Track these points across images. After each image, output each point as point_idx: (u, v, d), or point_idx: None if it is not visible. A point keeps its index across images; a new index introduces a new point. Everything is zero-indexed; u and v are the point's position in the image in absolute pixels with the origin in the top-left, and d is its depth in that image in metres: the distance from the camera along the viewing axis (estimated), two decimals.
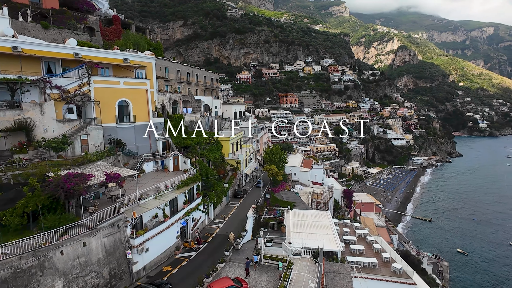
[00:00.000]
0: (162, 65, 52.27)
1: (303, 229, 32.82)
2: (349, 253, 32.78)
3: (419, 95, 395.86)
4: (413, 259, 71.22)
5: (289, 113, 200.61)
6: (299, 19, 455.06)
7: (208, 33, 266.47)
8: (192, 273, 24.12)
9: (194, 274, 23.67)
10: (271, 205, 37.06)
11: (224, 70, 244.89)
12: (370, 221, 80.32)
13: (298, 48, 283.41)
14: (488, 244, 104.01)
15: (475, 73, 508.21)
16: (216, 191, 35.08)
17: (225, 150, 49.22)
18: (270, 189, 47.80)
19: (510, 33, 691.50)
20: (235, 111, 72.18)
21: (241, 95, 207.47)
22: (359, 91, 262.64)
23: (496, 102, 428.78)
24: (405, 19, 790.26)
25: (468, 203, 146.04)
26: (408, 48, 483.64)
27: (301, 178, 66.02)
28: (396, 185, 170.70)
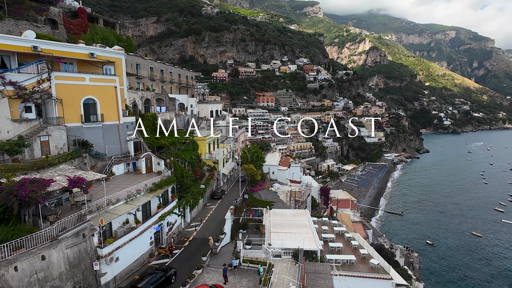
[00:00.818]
0: (133, 62, 49.64)
1: (283, 229, 32.40)
2: (328, 251, 32.85)
3: (390, 94, 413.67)
4: (387, 253, 73.89)
5: (266, 112, 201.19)
6: (275, 19, 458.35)
7: (183, 30, 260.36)
8: None
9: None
10: (249, 206, 36.32)
11: (200, 68, 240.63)
12: (347, 217, 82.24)
13: (274, 47, 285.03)
14: (452, 234, 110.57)
15: (439, 74, 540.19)
16: (192, 193, 33.71)
17: (201, 150, 47.78)
18: (248, 188, 47.07)
19: (469, 37, 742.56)
20: (212, 110, 70.56)
21: (218, 93, 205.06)
22: (333, 90, 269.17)
23: (458, 101, 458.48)
24: (376, 21, 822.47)
25: (435, 196, 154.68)
26: (379, 49, 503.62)
27: (279, 177, 65.93)
28: (369, 181, 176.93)
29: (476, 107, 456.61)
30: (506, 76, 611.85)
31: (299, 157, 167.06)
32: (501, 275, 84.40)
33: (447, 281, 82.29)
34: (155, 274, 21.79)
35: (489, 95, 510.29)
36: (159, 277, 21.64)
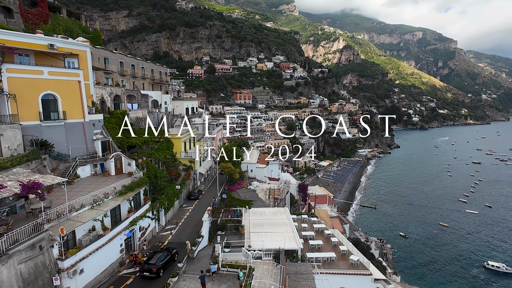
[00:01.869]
0: (100, 55, 46.36)
1: (262, 229, 31.58)
2: (309, 249, 32.50)
3: (363, 92, 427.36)
4: (363, 246, 75.75)
5: (244, 109, 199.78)
6: (251, 16, 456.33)
7: (156, 25, 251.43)
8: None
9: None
10: (228, 206, 35.10)
11: (175, 65, 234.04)
12: (324, 213, 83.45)
13: (251, 45, 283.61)
14: (422, 225, 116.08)
15: (408, 72, 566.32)
16: (167, 194, 31.87)
17: (177, 148, 45.74)
18: (226, 188, 45.76)
19: (435, 38, 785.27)
20: (187, 107, 68.21)
21: (194, 90, 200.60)
22: (309, 87, 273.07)
23: (425, 98, 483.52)
24: (349, 20, 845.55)
25: (405, 189, 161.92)
26: (352, 48, 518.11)
27: (258, 175, 65.11)
28: (345, 176, 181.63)
29: (441, 104, 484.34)
30: (467, 75, 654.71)
31: (276, 154, 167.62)
32: (466, 261, 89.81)
33: (419, 270, 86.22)
34: (162, 253, 24.49)
35: (452, 93, 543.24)
36: (166, 255, 24.49)
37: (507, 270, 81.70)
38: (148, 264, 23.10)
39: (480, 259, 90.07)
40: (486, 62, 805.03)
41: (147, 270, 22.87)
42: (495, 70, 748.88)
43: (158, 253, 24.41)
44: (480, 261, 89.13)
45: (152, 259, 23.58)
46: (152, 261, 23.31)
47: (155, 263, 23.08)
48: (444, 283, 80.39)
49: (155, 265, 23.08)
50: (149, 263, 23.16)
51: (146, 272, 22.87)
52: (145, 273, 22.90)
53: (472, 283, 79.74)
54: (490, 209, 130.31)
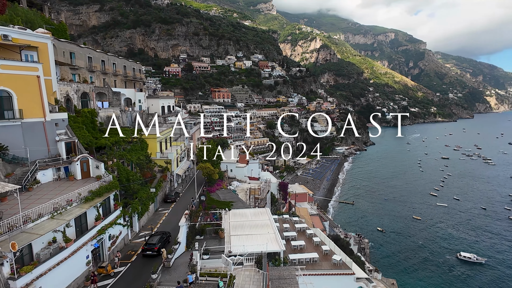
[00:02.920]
0: (66, 49, 42.81)
1: (243, 231, 30.36)
2: (291, 249, 31.73)
3: (339, 91, 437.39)
4: (342, 242, 76.77)
5: (222, 108, 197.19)
6: (229, 14, 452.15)
7: (130, 21, 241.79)
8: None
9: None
10: (207, 208, 33.52)
11: (151, 62, 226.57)
12: (305, 211, 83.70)
13: (229, 43, 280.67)
14: (397, 219, 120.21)
15: (382, 72, 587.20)
16: (140, 198, 29.74)
17: (151, 149, 43.32)
18: (205, 189, 44.02)
19: (406, 39, 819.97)
20: (163, 106, 65.34)
21: (171, 89, 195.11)
22: (288, 86, 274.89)
23: (398, 97, 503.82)
24: (325, 20, 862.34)
25: (380, 184, 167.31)
26: (329, 48, 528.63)
27: (237, 175, 63.76)
28: (323, 173, 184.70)
29: (413, 103, 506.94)
30: (435, 75, 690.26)
31: (256, 153, 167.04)
32: (440, 253, 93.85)
33: (395, 263, 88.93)
34: (158, 236, 27.26)
35: (422, 92, 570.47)
36: (162, 237, 27.24)
37: (477, 260, 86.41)
38: (150, 244, 25.98)
39: (452, 250, 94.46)
40: (452, 63, 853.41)
41: (149, 249, 25.63)
42: (461, 70, 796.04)
43: (155, 236, 27.20)
44: (452, 252, 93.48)
45: (152, 239, 26.52)
46: (153, 241, 26.23)
47: (155, 243, 25.98)
48: (420, 274, 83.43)
49: (155, 245, 25.79)
50: (150, 243, 26.03)
51: (149, 251, 25.58)
52: (147, 252, 25.58)
53: (447, 273, 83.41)
54: (458, 202, 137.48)
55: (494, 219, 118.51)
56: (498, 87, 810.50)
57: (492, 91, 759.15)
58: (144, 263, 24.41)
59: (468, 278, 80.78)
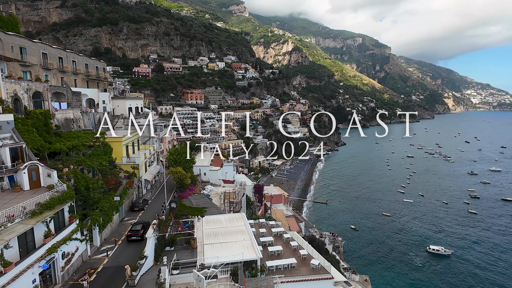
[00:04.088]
0: (15, 44, 38.34)
1: (218, 239, 28.58)
2: (268, 256, 30.43)
3: (311, 93, 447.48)
4: (318, 243, 77.15)
5: (195, 110, 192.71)
6: (201, 14, 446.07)
7: (95, 19, 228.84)
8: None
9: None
10: (178, 216, 31.27)
11: (119, 63, 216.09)
12: (280, 213, 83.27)
13: (201, 44, 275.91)
14: (368, 216, 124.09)
15: (351, 75, 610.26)
16: (102, 208, 26.84)
17: (117, 153, 40.04)
18: (176, 195, 41.50)
19: (372, 44, 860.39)
20: (130, 107, 61.45)
21: (141, 90, 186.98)
22: (261, 88, 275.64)
23: (366, 99, 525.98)
24: (297, 24, 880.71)
25: (352, 183, 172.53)
26: (300, 50, 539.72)
27: (211, 178, 61.51)
28: (297, 174, 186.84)
29: (380, 104, 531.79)
30: (400, 78, 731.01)
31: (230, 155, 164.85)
32: (410, 247, 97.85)
33: (369, 259, 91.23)
34: (141, 223, 30.51)
35: (388, 94, 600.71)
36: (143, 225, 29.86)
37: (445, 252, 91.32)
38: (134, 230, 29.10)
39: (421, 244, 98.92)
40: (414, 67, 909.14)
41: (134, 235, 28.41)
42: (422, 74, 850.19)
43: (138, 224, 30.79)
44: (421, 245, 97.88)
45: (135, 226, 29.98)
46: (137, 228, 29.49)
47: (139, 229, 28.98)
48: (393, 269, 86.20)
49: (140, 230, 28.67)
50: (135, 229, 29.18)
51: (134, 237, 28.28)
52: (133, 237, 28.23)
53: (417, 266, 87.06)
54: (423, 198, 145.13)
55: (455, 212, 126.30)
56: (455, 89, 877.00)
57: (450, 93, 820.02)
58: (107, 281, 21.71)
59: (437, 270, 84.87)
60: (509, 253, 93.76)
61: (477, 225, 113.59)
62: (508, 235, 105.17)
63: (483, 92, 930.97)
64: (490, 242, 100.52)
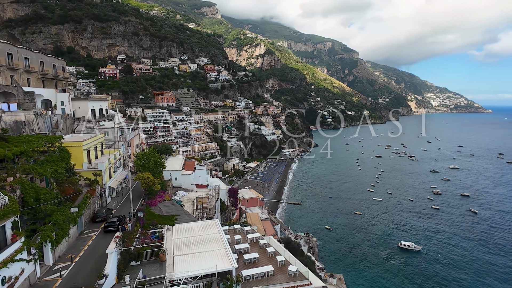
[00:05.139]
0: None
1: (190, 249, 26.61)
2: (244, 264, 28.92)
3: (284, 95, 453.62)
4: (294, 245, 77.03)
5: (167, 112, 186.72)
6: (171, 15, 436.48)
7: (56, 16, 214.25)
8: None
9: None
10: (145, 226, 28.79)
11: (83, 63, 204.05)
12: (256, 216, 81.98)
13: (172, 45, 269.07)
14: (341, 216, 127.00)
15: (322, 78, 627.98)
16: (56, 222, 23.77)
17: (76, 159, 36.46)
18: (144, 203, 38.66)
19: (341, 48, 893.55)
20: (94, 108, 57.11)
21: (108, 92, 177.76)
22: (234, 90, 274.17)
23: (336, 101, 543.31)
24: (269, 27, 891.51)
25: (325, 184, 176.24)
26: (273, 54, 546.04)
27: (183, 183, 58.70)
28: (272, 176, 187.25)
29: (349, 107, 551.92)
30: (367, 82, 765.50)
31: (204, 158, 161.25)
32: (382, 244, 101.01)
33: (343, 258, 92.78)
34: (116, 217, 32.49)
35: (357, 97, 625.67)
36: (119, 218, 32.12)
37: (415, 248, 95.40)
38: (111, 222, 31.20)
39: (392, 241, 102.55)
40: (380, 71, 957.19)
41: (111, 226, 30.55)
42: (387, 78, 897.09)
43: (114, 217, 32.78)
44: (393, 242, 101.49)
45: (112, 219, 31.96)
46: (113, 220, 31.61)
47: (115, 221, 31.07)
48: (366, 266, 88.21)
49: (115, 222, 30.80)
50: (111, 221, 31.37)
51: (110, 228, 30.32)
52: (109, 228, 30.35)
53: (390, 262, 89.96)
54: (391, 196, 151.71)
55: (420, 209, 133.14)
56: (417, 93, 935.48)
57: (412, 96, 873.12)
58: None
59: (408, 265, 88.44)
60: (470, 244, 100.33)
61: (441, 220, 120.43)
62: (467, 228, 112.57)
63: (441, 95, 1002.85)
64: (453, 235, 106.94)
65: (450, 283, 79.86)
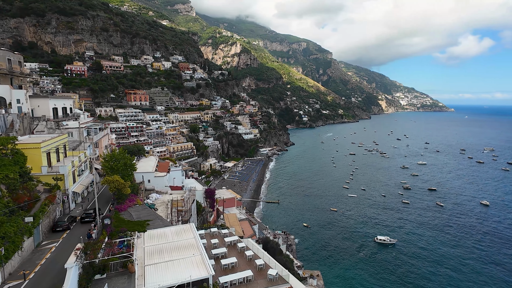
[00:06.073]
0: None
1: (162, 257, 24.71)
2: (221, 270, 27.50)
3: (260, 95, 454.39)
4: (272, 244, 76.49)
5: (140, 112, 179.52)
6: (144, 11, 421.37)
7: (16, 8, 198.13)
8: None
9: None
10: (113, 235, 26.42)
11: (47, 59, 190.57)
12: (233, 217, 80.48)
13: (145, 42, 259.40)
14: (318, 213, 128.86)
15: (297, 78, 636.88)
16: (6, 234, 20.93)
17: (33, 162, 33.04)
18: (112, 208, 35.92)
19: (316, 49, 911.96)
20: (56, 107, 52.65)
21: (75, 90, 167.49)
22: (210, 89, 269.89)
23: (311, 100, 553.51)
24: (244, 27, 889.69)
25: (302, 181, 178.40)
26: (249, 53, 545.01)
27: (157, 185, 55.96)
28: (249, 175, 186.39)
29: (324, 106, 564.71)
30: (341, 82, 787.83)
31: (180, 158, 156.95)
32: (359, 239, 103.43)
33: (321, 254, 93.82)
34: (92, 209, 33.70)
35: (331, 96, 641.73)
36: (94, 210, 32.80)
37: (390, 242, 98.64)
38: (87, 213, 32.98)
39: (368, 236, 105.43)
40: (353, 71, 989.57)
41: (88, 217, 32.44)
42: (359, 78, 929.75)
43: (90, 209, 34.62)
44: (368, 237, 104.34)
45: (88, 210, 33.84)
46: (89, 211, 33.33)
47: (92, 212, 32.75)
48: (343, 262, 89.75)
49: (92, 213, 32.55)
50: (88, 212, 33.15)
51: (87, 218, 32.30)
52: (86, 219, 32.30)
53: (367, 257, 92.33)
54: (365, 192, 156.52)
55: (392, 203, 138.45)
56: (387, 92, 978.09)
57: (383, 96, 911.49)
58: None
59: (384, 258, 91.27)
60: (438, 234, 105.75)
61: (411, 213, 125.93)
62: (435, 220, 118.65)
63: (409, 95, 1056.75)
64: (423, 227, 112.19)
65: (424, 272, 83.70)
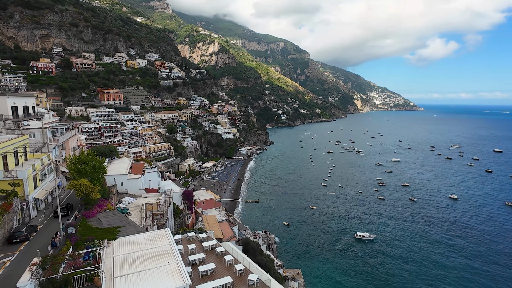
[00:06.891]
0: None
1: (134, 267, 22.85)
2: (199, 277, 26.03)
3: (239, 94, 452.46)
4: (253, 245, 75.56)
5: (113, 111, 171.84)
6: (117, 7, 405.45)
7: None
8: None
9: None
10: (78, 245, 24.15)
11: (10, 55, 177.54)
12: (213, 219, 78.46)
13: (118, 38, 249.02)
14: (297, 211, 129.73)
15: (275, 77, 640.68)
16: None
17: None
18: (79, 215, 33.25)
19: (293, 49, 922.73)
20: (16, 106, 48.31)
21: (42, 89, 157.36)
22: (188, 88, 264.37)
23: (290, 100, 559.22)
24: (222, 25, 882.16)
25: (281, 180, 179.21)
26: (227, 52, 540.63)
27: (130, 188, 53.04)
28: (229, 175, 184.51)
29: (302, 105, 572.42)
30: (318, 82, 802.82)
31: (156, 159, 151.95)
32: (339, 236, 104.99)
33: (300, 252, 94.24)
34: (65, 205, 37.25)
35: (309, 96, 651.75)
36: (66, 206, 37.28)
37: (369, 237, 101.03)
38: (62, 208, 34.65)
39: (346, 232, 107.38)
40: (329, 71, 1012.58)
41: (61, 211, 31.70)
42: (336, 78, 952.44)
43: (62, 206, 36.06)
44: (347, 233, 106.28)
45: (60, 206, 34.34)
46: (62, 207, 35.65)
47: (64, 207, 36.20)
48: (323, 259, 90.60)
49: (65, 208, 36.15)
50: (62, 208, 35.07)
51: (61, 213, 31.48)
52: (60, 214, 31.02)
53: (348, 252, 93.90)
54: (342, 189, 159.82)
55: (368, 200, 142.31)
56: (362, 92, 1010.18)
57: (358, 95, 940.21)
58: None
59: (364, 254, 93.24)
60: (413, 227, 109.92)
61: (386, 209, 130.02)
62: (409, 215, 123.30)
63: (382, 95, 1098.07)
64: (399, 221, 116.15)
65: (402, 264, 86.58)
